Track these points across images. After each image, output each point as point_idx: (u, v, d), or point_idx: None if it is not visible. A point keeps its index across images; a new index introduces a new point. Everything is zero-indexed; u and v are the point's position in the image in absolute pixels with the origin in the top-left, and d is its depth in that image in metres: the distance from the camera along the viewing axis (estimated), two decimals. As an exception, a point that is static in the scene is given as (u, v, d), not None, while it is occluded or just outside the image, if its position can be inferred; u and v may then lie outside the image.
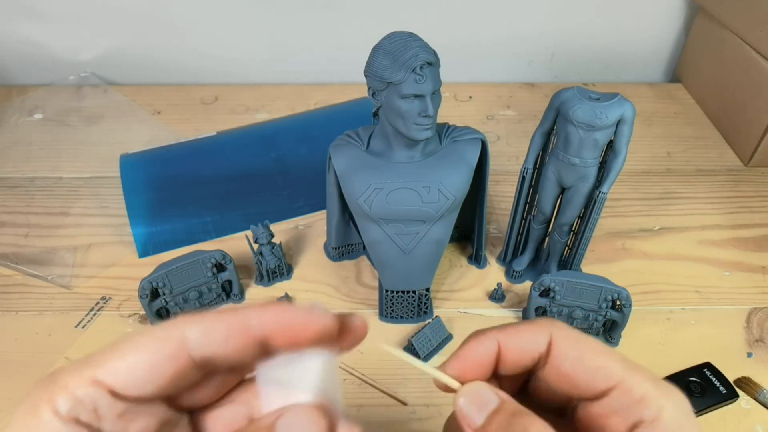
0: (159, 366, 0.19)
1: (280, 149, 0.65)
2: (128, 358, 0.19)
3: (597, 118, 0.42)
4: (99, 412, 0.18)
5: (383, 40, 0.41)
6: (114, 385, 0.18)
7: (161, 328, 0.19)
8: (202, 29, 0.79)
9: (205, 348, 0.19)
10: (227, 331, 0.19)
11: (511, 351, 0.23)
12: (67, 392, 0.18)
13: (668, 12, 0.80)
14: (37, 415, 0.17)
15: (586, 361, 0.22)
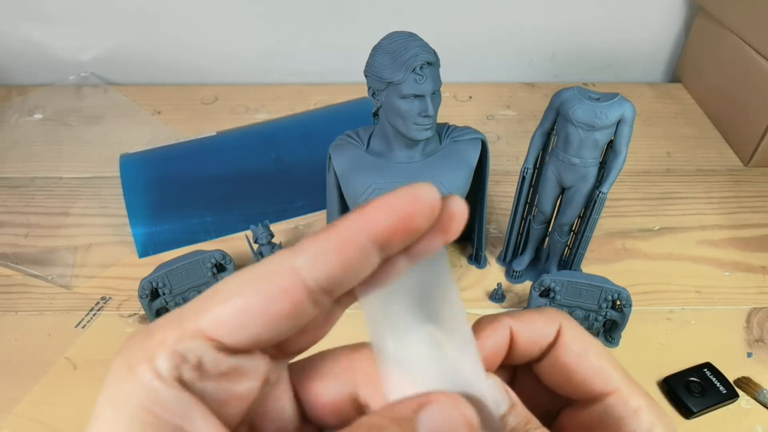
0: (272, 305, 0.16)
1: (280, 149, 0.65)
2: (235, 302, 0.16)
3: (597, 118, 0.42)
4: (202, 368, 0.16)
5: (383, 40, 0.41)
6: (219, 334, 0.16)
7: (266, 262, 0.17)
8: (202, 29, 0.79)
9: (319, 273, 0.16)
10: (341, 249, 0.16)
11: (524, 340, 0.21)
12: (167, 348, 0.15)
13: (668, 12, 0.80)
14: (134, 377, 0.15)
15: (589, 358, 0.21)
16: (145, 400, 0.15)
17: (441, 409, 0.16)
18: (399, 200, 0.16)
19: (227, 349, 0.16)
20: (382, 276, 0.18)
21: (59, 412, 0.43)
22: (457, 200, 0.17)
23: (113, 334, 0.49)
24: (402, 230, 0.16)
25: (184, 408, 0.15)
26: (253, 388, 0.17)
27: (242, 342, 0.16)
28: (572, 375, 0.21)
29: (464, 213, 0.17)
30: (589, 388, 0.21)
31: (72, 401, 0.44)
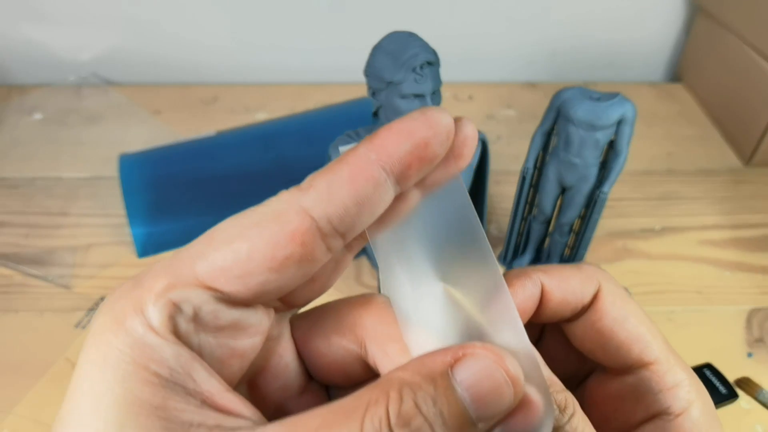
0: (279, 250, 0.14)
1: (280, 149, 0.65)
2: (238, 247, 0.14)
3: (598, 118, 0.42)
4: (199, 321, 0.14)
5: (383, 39, 0.41)
6: (219, 283, 0.14)
7: (272, 202, 0.14)
8: (202, 29, 0.79)
9: (331, 211, 0.14)
10: (352, 182, 0.14)
11: (556, 299, 0.19)
12: (159, 297, 0.14)
13: (668, 12, 0.80)
14: (123, 330, 0.13)
15: (629, 324, 0.19)
16: (139, 356, 0.13)
17: (480, 363, 0.14)
18: (413, 125, 0.14)
19: (228, 301, 0.14)
20: (393, 213, 0.16)
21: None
22: (468, 123, 0.16)
23: (113, 335, 0.49)
24: (418, 159, 0.15)
25: (182, 363, 0.13)
26: (254, 345, 0.15)
27: (245, 292, 0.14)
28: (608, 341, 0.19)
29: (476, 136, 0.16)
30: (625, 357, 0.19)
31: (72, 401, 0.44)
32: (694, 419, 0.18)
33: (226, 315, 0.14)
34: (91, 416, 0.13)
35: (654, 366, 0.19)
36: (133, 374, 0.13)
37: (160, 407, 0.13)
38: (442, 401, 0.13)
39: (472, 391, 0.13)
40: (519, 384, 0.14)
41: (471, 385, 0.13)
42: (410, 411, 0.13)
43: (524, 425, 0.14)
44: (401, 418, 0.13)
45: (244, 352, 0.15)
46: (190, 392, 0.13)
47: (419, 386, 0.13)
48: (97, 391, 0.13)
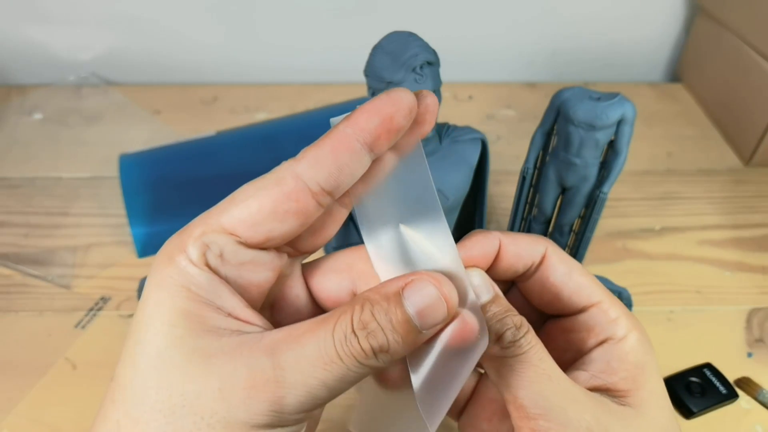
0: (280, 206, 0.19)
1: (280, 149, 0.65)
2: (250, 204, 0.19)
3: (598, 118, 0.41)
4: (224, 257, 0.19)
5: (383, 39, 0.41)
6: (238, 230, 0.19)
7: (274, 171, 0.20)
8: (202, 29, 0.79)
9: (318, 175, 0.19)
10: (334, 152, 0.19)
11: (510, 254, 0.24)
12: (196, 240, 0.19)
13: (668, 12, 0.80)
14: (173, 262, 0.19)
15: (574, 276, 0.24)
16: (183, 280, 0.19)
17: (423, 285, 0.19)
18: (381, 105, 0.19)
19: (244, 243, 0.19)
20: (374, 174, 0.21)
21: (59, 412, 0.43)
22: (429, 95, 0.21)
23: (113, 334, 0.49)
24: (386, 130, 0.19)
25: (214, 287, 0.19)
26: (269, 278, 0.21)
27: (257, 237, 0.19)
28: (560, 292, 0.24)
29: (436, 104, 0.21)
30: (575, 303, 0.24)
31: (72, 401, 0.44)
32: (632, 342, 0.23)
33: (244, 254, 0.20)
34: (154, 318, 0.18)
35: (599, 304, 0.24)
36: (179, 293, 0.18)
37: (198, 315, 0.18)
38: (393, 312, 0.18)
39: (416, 306, 0.19)
40: (451, 301, 0.19)
41: (415, 302, 0.19)
42: (367, 318, 0.18)
43: (462, 341, 0.19)
44: (361, 323, 0.18)
45: (260, 283, 0.21)
46: (218, 307, 0.19)
47: (377, 301, 0.19)
48: (157, 303, 0.18)
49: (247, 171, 0.62)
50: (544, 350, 0.22)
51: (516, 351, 0.21)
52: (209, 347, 0.18)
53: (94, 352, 0.48)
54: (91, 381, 0.45)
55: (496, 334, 0.21)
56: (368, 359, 0.18)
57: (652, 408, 0.22)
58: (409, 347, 0.19)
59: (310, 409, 0.18)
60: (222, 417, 0.17)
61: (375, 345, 0.18)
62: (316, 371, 0.18)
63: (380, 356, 0.18)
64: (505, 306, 0.22)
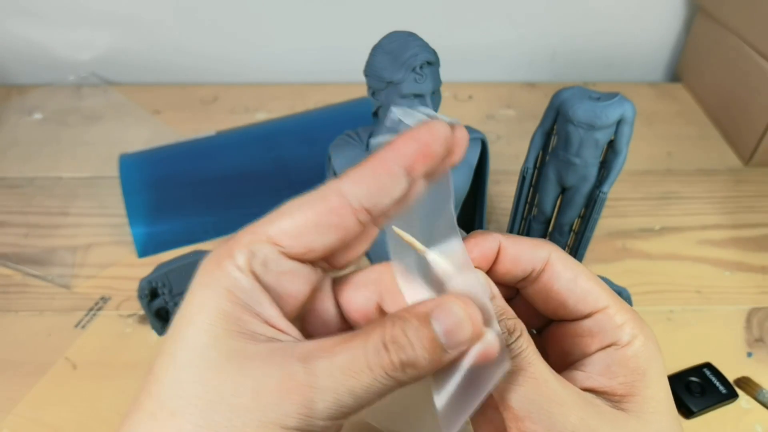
0: (323, 219, 0.20)
1: (280, 149, 0.65)
2: (295, 216, 0.20)
3: (597, 117, 0.42)
4: (267, 265, 0.20)
5: (383, 39, 0.41)
6: (283, 241, 0.20)
7: (321, 188, 0.21)
8: (201, 29, 0.79)
9: (360, 193, 0.20)
10: (374, 172, 0.20)
11: (510, 257, 0.24)
12: (244, 247, 0.20)
13: (668, 12, 0.80)
14: (221, 266, 0.20)
15: (579, 282, 0.24)
16: (228, 283, 0.20)
17: (451, 307, 0.20)
18: (420, 132, 0.21)
19: (287, 254, 0.21)
20: (407, 197, 0.22)
21: (59, 412, 0.43)
22: (461, 129, 0.22)
23: (112, 334, 0.49)
24: (423, 156, 0.21)
25: (255, 293, 0.20)
26: (304, 290, 0.22)
27: (298, 248, 0.20)
28: (566, 300, 0.24)
29: (466, 138, 0.22)
30: (581, 310, 0.24)
31: (72, 401, 0.44)
32: (636, 347, 0.23)
33: (285, 264, 0.21)
34: (196, 316, 0.19)
35: (606, 310, 0.24)
36: (222, 295, 0.19)
37: (237, 317, 0.19)
38: (422, 330, 0.19)
39: (444, 325, 0.19)
40: (476, 323, 0.20)
41: (443, 322, 0.19)
42: (398, 333, 0.19)
43: (483, 360, 0.20)
44: (392, 337, 0.19)
45: (296, 294, 0.22)
46: (257, 312, 0.20)
47: (408, 319, 0.20)
48: (201, 302, 0.20)
49: (247, 171, 0.63)
50: (536, 353, 0.22)
51: (513, 351, 0.22)
52: (245, 350, 0.19)
53: (94, 352, 0.48)
54: (91, 381, 0.46)
55: None
56: (396, 372, 0.19)
57: (648, 413, 0.22)
58: (435, 364, 0.20)
59: (337, 417, 0.19)
60: (254, 416, 0.18)
61: (404, 358, 0.19)
62: (346, 379, 0.19)
63: (407, 370, 0.19)
64: (501, 308, 0.23)
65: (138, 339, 0.49)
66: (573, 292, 0.24)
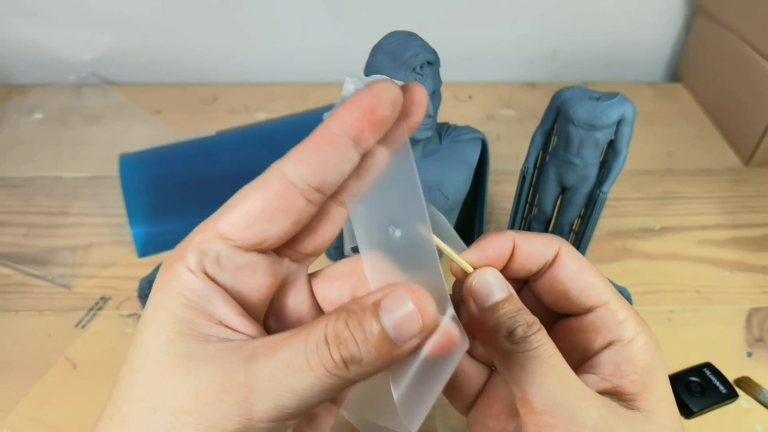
0: (269, 205, 0.19)
1: (280, 149, 0.65)
2: (241, 206, 0.19)
3: (597, 117, 0.41)
4: (221, 263, 0.19)
5: (383, 39, 0.41)
6: (232, 234, 0.19)
7: (264, 173, 0.20)
8: (202, 29, 0.79)
9: (302, 171, 0.19)
10: (317, 147, 0.19)
11: (524, 253, 0.24)
12: (195, 247, 0.19)
13: (668, 12, 0.80)
14: (173, 270, 0.19)
15: (584, 275, 0.24)
16: (179, 286, 0.19)
17: (399, 297, 0.18)
18: (362, 97, 0.19)
19: (240, 247, 0.20)
20: (366, 171, 0.21)
21: (59, 412, 0.43)
22: (416, 86, 0.20)
23: (113, 334, 0.49)
24: (369, 122, 0.19)
25: (207, 293, 0.19)
26: (268, 283, 0.21)
27: (250, 239, 0.19)
28: (569, 290, 0.24)
29: (424, 96, 0.20)
30: (583, 302, 0.24)
31: (72, 401, 0.44)
32: (640, 345, 0.23)
33: (240, 258, 0.20)
34: (151, 322, 0.19)
35: (608, 305, 0.24)
36: (174, 299, 0.19)
37: (189, 321, 0.19)
38: (368, 323, 0.18)
39: (392, 318, 0.18)
40: (427, 314, 0.19)
41: (391, 314, 0.18)
42: (341, 328, 0.18)
43: (441, 352, 0.19)
44: (333, 332, 0.18)
45: (259, 289, 0.21)
46: (210, 314, 0.19)
47: (353, 311, 0.18)
48: (155, 308, 0.19)
49: (247, 171, 0.62)
50: (555, 348, 0.22)
51: (526, 347, 0.21)
52: (194, 352, 0.18)
53: (94, 351, 0.48)
54: (91, 381, 0.45)
55: (508, 330, 0.22)
56: (338, 369, 0.18)
57: (660, 413, 0.22)
58: (385, 360, 0.18)
59: (279, 419, 0.18)
60: (194, 419, 0.17)
61: (345, 355, 0.18)
62: (287, 379, 0.18)
63: (351, 367, 0.18)
64: (518, 305, 0.23)
65: (138, 339, 0.49)
66: (577, 284, 0.24)
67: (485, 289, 0.23)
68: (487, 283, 0.23)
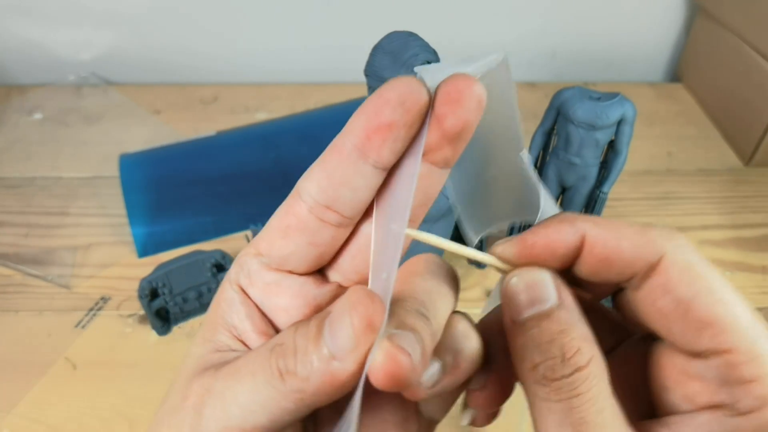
0: (282, 222, 0.18)
1: (280, 149, 0.65)
2: (269, 223, 0.19)
3: (598, 117, 0.42)
4: (251, 277, 0.19)
5: (383, 39, 0.41)
6: (263, 251, 0.19)
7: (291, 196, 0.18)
8: (201, 29, 0.79)
9: (309, 186, 0.18)
10: (323, 161, 0.17)
11: (598, 254, 0.17)
12: (238, 259, 0.20)
13: (668, 12, 0.80)
14: (224, 285, 0.20)
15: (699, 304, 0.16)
16: (218, 294, 0.20)
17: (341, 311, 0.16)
18: (369, 101, 0.16)
19: (268, 265, 0.19)
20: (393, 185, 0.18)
21: (59, 412, 0.43)
22: (458, 78, 0.16)
23: (113, 334, 0.49)
24: (374, 128, 0.16)
25: (235, 305, 0.19)
26: (295, 305, 0.19)
27: (273, 257, 0.19)
28: (670, 322, 0.17)
29: (467, 89, 0.15)
30: (691, 342, 0.16)
31: (72, 401, 0.44)
32: (764, 422, 0.15)
33: (268, 276, 0.19)
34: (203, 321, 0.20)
35: (729, 355, 0.16)
36: (216, 303, 0.19)
37: (213, 329, 0.19)
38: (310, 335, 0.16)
39: (333, 332, 0.16)
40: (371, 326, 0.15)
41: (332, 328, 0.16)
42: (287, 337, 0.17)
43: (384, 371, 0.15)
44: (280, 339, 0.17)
45: (287, 309, 0.19)
46: (231, 325, 0.19)
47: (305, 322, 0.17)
48: (211, 311, 0.20)
49: (247, 171, 0.63)
50: (606, 394, 0.16)
51: (561, 393, 0.16)
52: (207, 362, 0.18)
53: (94, 352, 0.48)
54: (91, 381, 0.45)
55: (532, 363, 0.16)
56: (275, 379, 0.16)
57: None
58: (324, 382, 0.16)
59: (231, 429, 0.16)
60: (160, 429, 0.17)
61: (281, 365, 0.16)
62: (234, 384, 0.16)
63: (287, 379, 0.16)
64: (565, 323, 0.17)
65: (138, 339, 0.49)
66: (682, 318, 0.16)
67: (515, 297, 0.18)
68: (515, 290, 0.18)
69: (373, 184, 0.17)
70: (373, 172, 0.17)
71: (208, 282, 0.49)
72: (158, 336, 0.49)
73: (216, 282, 0.50)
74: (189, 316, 0.50)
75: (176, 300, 0.48)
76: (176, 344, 0.48)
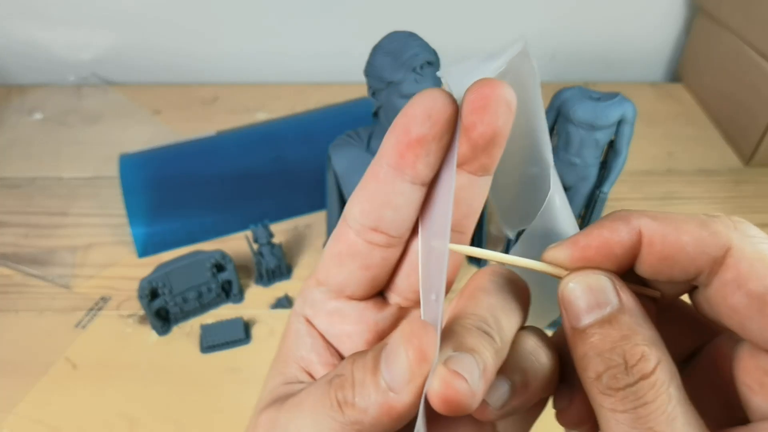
0: (335, 248, 0.18)
1: (280, 149, 0.65)
2: (325, 258, 0.19)
3: (598, 117, 0.42)
4: (315, 307, 0.19)
5: (383, 39, 0.41)
6: (322, 280, 0.19)
7: (339, 224, 0.18)
8: (202, 29, 0.79)
9: (356, 213, 0.18)
10: (364, 183, 0.17)
11: (657, 252, 0.16)
12: (302, 289, 0.20)
13: (668, 12, 0.80)
14: (291, 317, 0.20)
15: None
16: (288, 325, 0.20)
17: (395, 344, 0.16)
18: (399, 117, 0.16)
19: (328, 293, 0.19)
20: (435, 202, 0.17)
21: (59, 412, 0.43)
22: (485, 84, 0.15)
23: (113, 334, 0.49)
24: (406, 146, 0.16)
25: (302, 336, 0.19)
26: (360, 331, 0.19)
27: (331, 285, 0.19)
28: (743, 320, 0.15)
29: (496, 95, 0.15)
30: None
31: (72, 401, 0.44)
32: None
33: (329, 305, 0.19)
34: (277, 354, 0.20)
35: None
36: (284, 338, 0.20)
37: (285, 359, 0.19)
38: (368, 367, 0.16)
39: (389, 365, 0.15)
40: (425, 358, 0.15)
41: (388, 362, 0.16)
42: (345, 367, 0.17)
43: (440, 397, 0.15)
44: (338, 372, 0.17)
45: (350, 336, 0.19)
46: (299, 356, 0.19)
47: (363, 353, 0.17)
48: (283, 339, 0.20)
49: (247, 171, 0.63)
50: (677, 401, 0.15)
51: (627, 403, 0.15)
52: (276, 395, 0.18)
53: (94, 352, 0.48)
54: (91, 381, 0.45)
55: (596, 372, 0.15)
56: (334, 410, 0.16)
57: None
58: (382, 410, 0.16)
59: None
60: None
61: (340, 397, 0.16)
62: (297, 417, 0.17)
63: (346, 411, 0.16)
64: (627, 329, 0.15)
65: (138, 339, 0.49)
66: (761, 313, 0.15)
67: (574, 303, 0.16)
68: (573, 295, 0.16)
69: (415, 200, 0.17)
70: (412, 189, 0.17)
71: (208, 282, 0.49)
72: (158, 336, 0.49)
73: (216, 282, 0.50)
74: (189, 316, 0.50)
75: (176, 300, 0.48)
76: (176, 344, 0.48)
